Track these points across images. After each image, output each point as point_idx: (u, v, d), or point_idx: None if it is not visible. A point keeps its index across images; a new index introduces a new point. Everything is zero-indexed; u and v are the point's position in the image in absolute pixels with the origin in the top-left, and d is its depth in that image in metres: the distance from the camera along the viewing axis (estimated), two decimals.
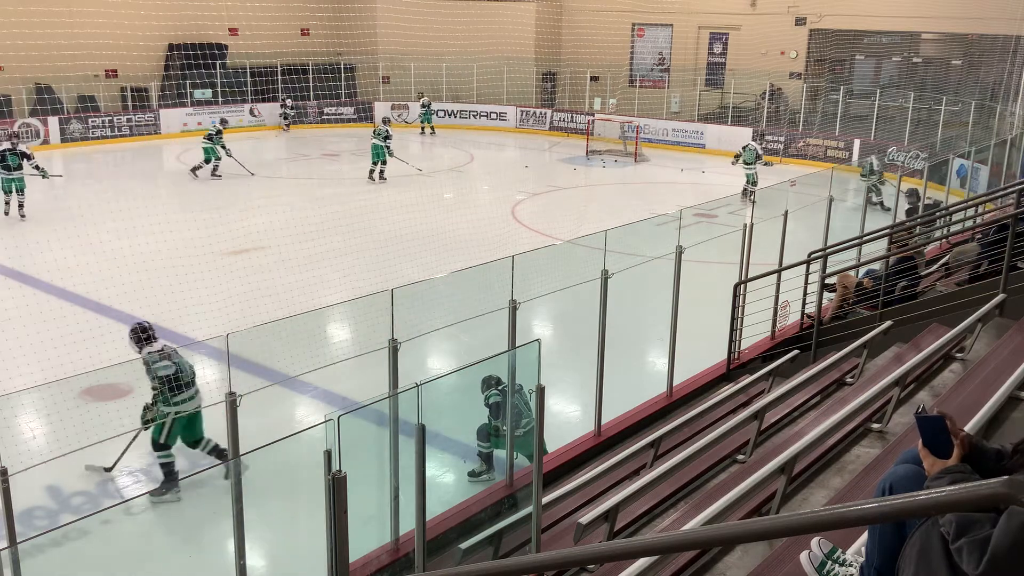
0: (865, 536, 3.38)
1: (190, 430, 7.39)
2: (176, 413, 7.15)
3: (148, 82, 26.90)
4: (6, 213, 16.22)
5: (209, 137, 20.94)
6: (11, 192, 16.19)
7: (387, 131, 20.74)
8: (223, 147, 20.73)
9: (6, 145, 16.60)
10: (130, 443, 7.31)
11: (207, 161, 20.80)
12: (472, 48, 29.66)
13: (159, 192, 20.27)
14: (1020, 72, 19.81)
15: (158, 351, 7.31)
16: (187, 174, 20.88)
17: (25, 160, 16.39)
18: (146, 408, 7.31)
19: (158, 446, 7.27)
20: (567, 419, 8.60)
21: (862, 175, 18.30)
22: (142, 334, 7.45)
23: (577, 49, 30.86)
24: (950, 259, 9.97)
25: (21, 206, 16.24)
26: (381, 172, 20.73)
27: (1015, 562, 2.26)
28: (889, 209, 15.74)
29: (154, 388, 7.26)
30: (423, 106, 29.25)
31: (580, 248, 12.27)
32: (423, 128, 29.11)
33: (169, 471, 7.29)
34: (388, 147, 20.60)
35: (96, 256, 12.22)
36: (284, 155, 26.17)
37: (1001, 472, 2.68)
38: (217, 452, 7.38)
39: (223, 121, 22.49)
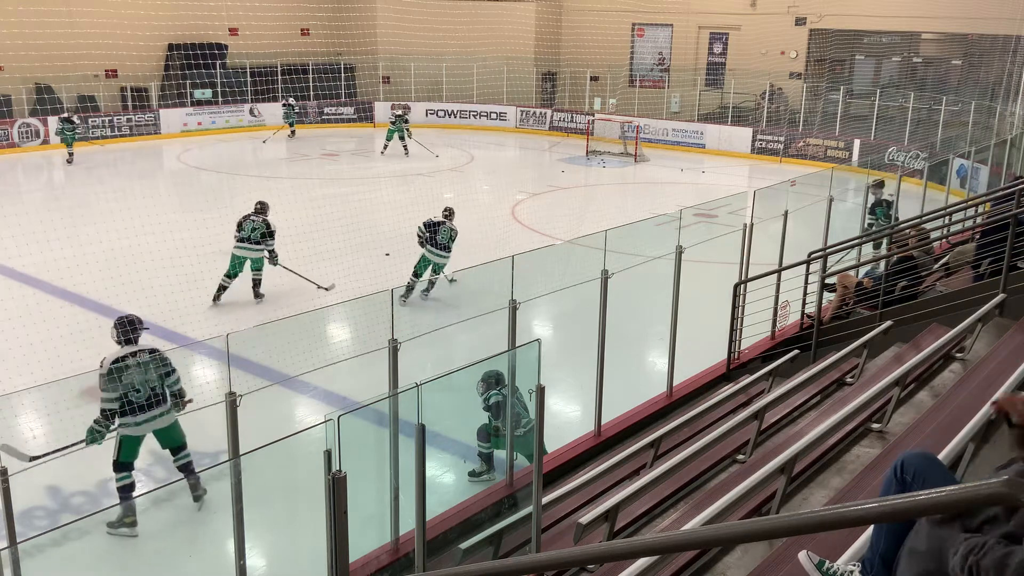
0: (862, 539, 3.38)
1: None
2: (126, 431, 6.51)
3: (148, 82, 26.91)
4: (216, 299, 11.95)
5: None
6: (235, 277, 12.04)
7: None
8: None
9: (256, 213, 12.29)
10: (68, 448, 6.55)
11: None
12: (472, 48, 29.66)
13: (159, 192, 20.27)
14: (1020, 72, 19.81)
15: (131, 355, 6.66)
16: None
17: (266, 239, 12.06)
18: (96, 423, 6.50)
19: (116, 465, 6.66)
20: (567, 419, 8.60)
21: None
22: (120, 331, 6.76)
23: (577, 49, 30.86)
24: (950, 259, 9.97)
25: (258, 283, 12.21)
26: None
27: None
28: None
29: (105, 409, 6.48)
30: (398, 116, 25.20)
31: (580, 248, 12.26)
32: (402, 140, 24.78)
33: (125, 492, 6.62)
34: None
35: (96, 256, 12.22)
36: (284, 155, 26.19)
37: None
38: (187, 470, 6.82)
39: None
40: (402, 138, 24.30)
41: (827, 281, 9.31)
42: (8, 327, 9.87)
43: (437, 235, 12.19)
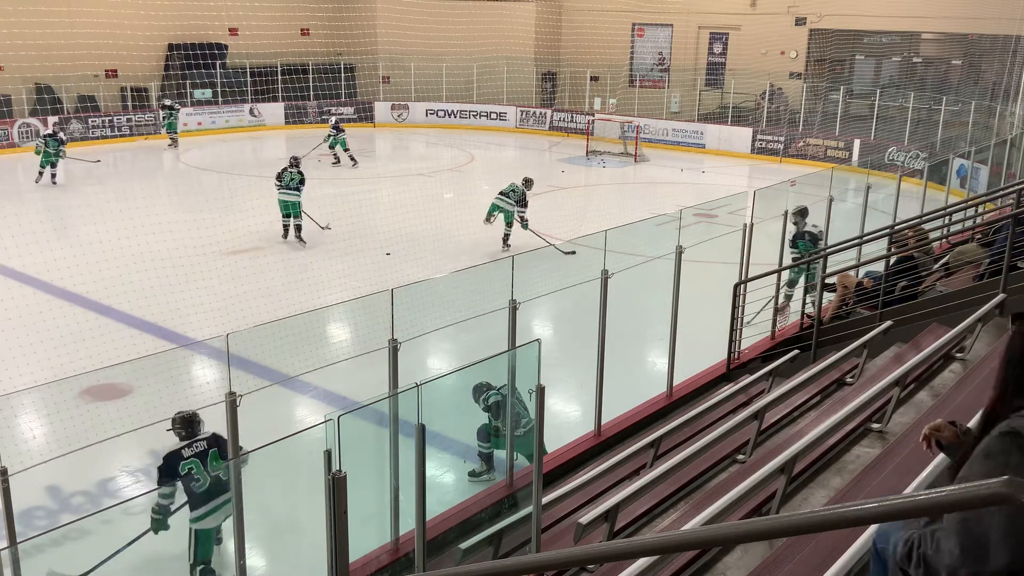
0: (862, 538, 3.38)
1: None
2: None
3: (148, 82, 26.90)
4: (284, 236, 15.03)
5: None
6: (289, 217, 14.96)
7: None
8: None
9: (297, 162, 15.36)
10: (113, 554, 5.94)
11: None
12: (472, 48, 29.66)
13: (159, 192, 20.27)
14: (1020, 72, 19.81)
15: (187, 447, 6.08)
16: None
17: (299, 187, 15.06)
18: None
19: (196, 560, 6.04)
20: (567, 419, 8.60)
21: None
22: (175, 427, 6.21)
23: (577, 49, 30.86)
24: (950, 259, 9.96)
25: (300, 228, 15.03)
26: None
27: None
28: None
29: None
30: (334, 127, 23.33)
31: (580, 248, 12.26)
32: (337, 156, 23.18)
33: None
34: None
35: (96, 256, 12.21)
36: (284, 155, 26.17)
37: None
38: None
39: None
40: (346, 149, 22.83)
41: (827, 281, 9.31)
42: (8, 327, 9.88)
43: (506, 185, 14.99)
